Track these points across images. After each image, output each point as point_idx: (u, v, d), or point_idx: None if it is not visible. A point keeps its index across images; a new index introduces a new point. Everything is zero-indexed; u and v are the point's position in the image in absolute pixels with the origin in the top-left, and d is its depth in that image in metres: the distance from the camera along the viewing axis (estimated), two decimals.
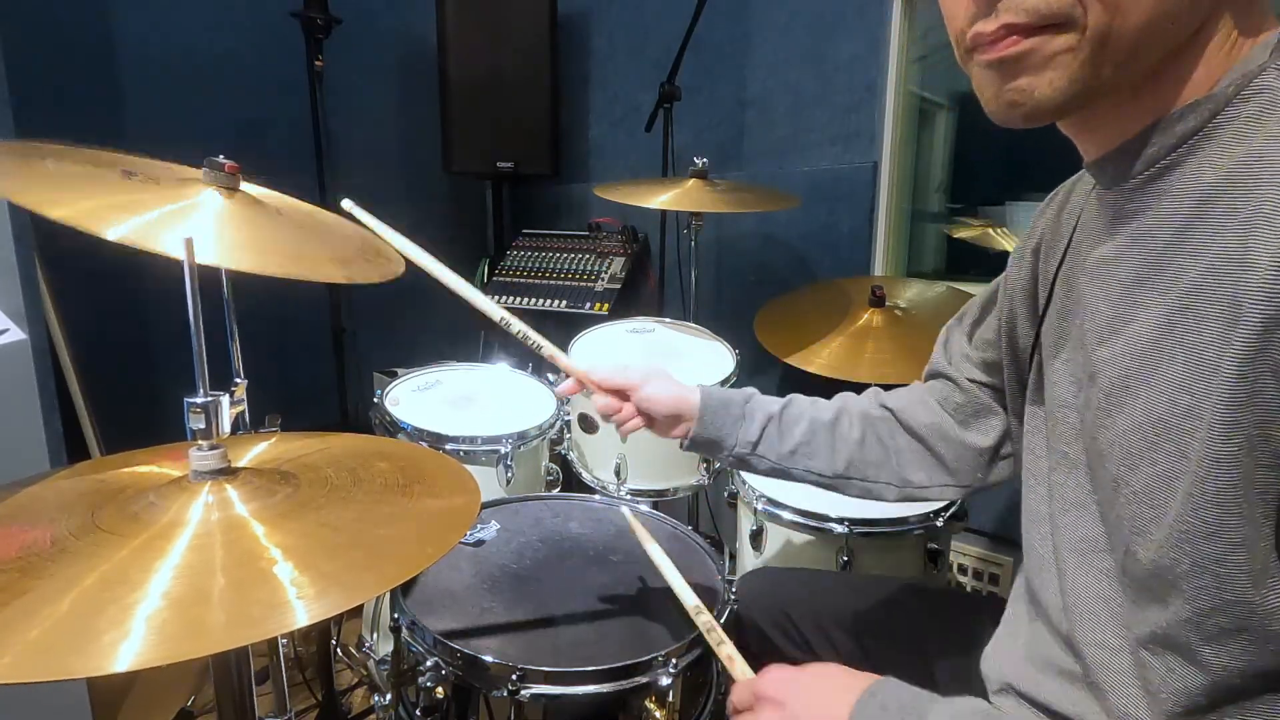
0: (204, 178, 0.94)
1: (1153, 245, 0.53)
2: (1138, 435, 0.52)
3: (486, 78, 2.31)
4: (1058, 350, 0.66)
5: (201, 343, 0.70)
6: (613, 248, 2.28)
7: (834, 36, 1.99)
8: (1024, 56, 0.51)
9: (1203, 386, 0.47)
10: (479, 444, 1.41)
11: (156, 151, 0.99)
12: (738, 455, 0.91)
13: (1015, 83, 0.52)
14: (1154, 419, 0.50)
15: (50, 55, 1.80)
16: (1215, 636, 0.50)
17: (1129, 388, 0.53)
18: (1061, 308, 0.67)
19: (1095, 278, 0.59)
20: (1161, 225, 0.53)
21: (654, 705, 0.81)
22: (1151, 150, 0.53)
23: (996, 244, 2.01)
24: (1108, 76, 0.50)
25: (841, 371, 1.59)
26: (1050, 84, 0.51)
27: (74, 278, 1.69)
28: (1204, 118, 0.51)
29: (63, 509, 0.66)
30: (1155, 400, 0.51)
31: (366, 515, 0.68)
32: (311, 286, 2.06)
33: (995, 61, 0.52)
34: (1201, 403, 0.47)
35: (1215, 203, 0.49)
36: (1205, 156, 0.51)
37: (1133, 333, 0.53)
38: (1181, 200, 0.52)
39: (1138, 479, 0.52)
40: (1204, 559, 0.49)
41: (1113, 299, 0.56)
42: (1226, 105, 0.50)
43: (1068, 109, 0.52)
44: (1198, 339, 0.48)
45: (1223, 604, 0.49)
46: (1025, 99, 0.52)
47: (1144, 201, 0.55)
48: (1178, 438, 0.49)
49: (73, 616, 0.51)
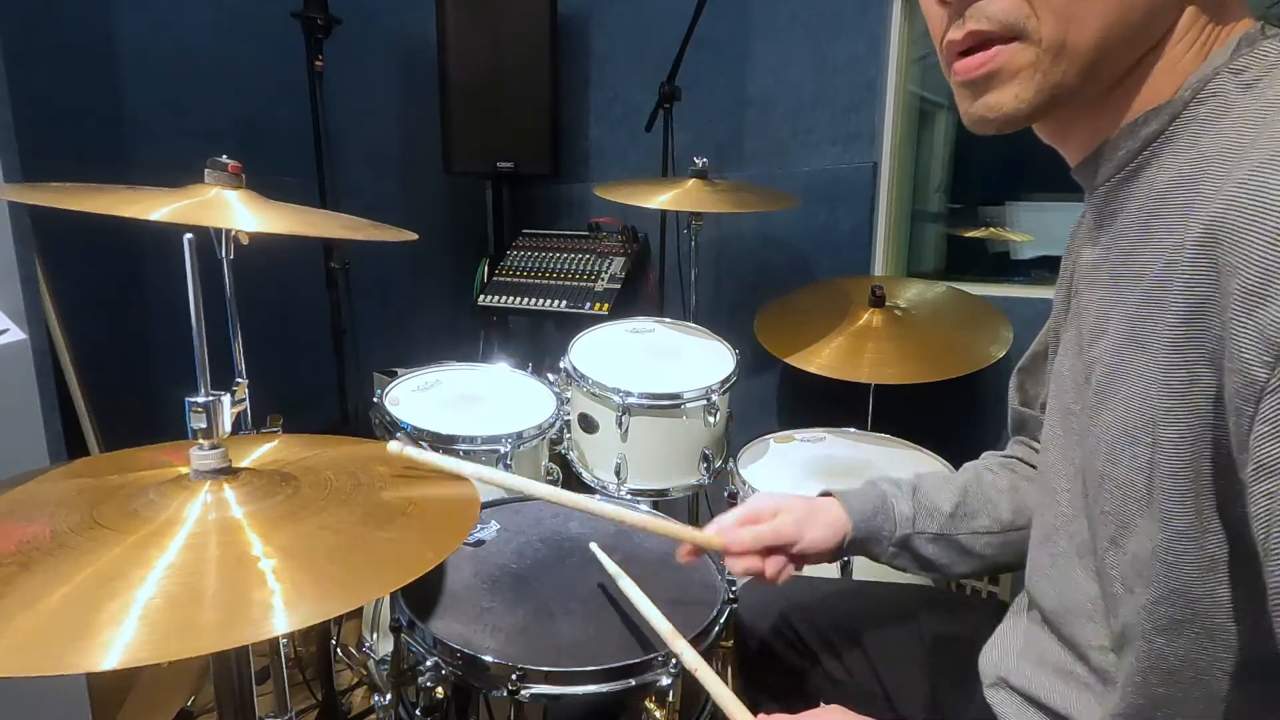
0: (208, 178, 0.94)
1: (1123, 245, 0.56)
2: (1119, 430, 0.53)
3: (486, 78, 2.31)
4: (1063, 357, 0.67)
5: (203, 342, 0.71)
6: (613, 248, 2.28)
7: (834, 36, 1.99)
8: (990, 76, 0.55)
9: (1155, 377, 0.49)
10: (478, 444, 1.40)
11: (157, 151, 0.99)
12: (900, 539, 0.84)
13: (984, 99, 0.56)
14: (1131, 413, 0.52)
15: (50, 55, 1.80)
16: (1166, 626, 0.51)
17: (1110, 385, 0.54)
18: (1070, 316, 0.67)
19: (1087, 281, 0.61)
20: (1129, 225, 0.56)
21: (654, 705, 0.81)
22: (1120, 154, 0.56)
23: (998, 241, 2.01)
24: (1071, 85, 0.53)
25: (841, 371, 1.59)
26: (1016, 97, 0.54)
27: (74, 278, 1.69)
28: (1164, 121, 0.53)
29: (62, 504, 0.66)
30: (1130, 395, 0.52)
31: (366, 518, 0.68)
32: (312, 287, 2.08)
33: (966, 83, 0.56)
34: (1155, 393, 0.49)
35: (1169, 202, 0.52)
36: (1164, 159, 0.53)
37: (1111, 331, 0.55)
38: (1144, 201, 0.54)
39: (1119, 472, 0.53)
40: (1157, 546, 0.50)
41: (1098, 299, 0.59)
42: (1184, 109, 0.52)
43: (1036, 116, 0.56)
44: (1153, 332, 0.50)
45: (1170, 593, 0.50)
46: (994, 113, 0.56)
47: (1118, 204, 0.57)
48: (1151, 430, 0.50)
49: (70, 611, 0.51)
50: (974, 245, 2.06)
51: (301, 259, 2.08)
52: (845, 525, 0.84)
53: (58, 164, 1.28)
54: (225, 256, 1.08)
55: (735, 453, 1.48)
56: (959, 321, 1.71)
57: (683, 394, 1.48)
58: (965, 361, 1.59)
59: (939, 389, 1.59)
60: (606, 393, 1.48)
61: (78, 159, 1.83)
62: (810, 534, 0.83)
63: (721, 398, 1.51)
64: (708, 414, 1.49)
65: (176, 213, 0.83)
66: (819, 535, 0.83)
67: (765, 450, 1.52)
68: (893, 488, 0.87)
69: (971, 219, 2.09)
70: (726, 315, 2.14)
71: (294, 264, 1.90)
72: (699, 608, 0.91)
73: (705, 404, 1.49)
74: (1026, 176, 1.97)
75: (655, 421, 1.49)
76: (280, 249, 1.06)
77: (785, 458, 1.49)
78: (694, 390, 1.49)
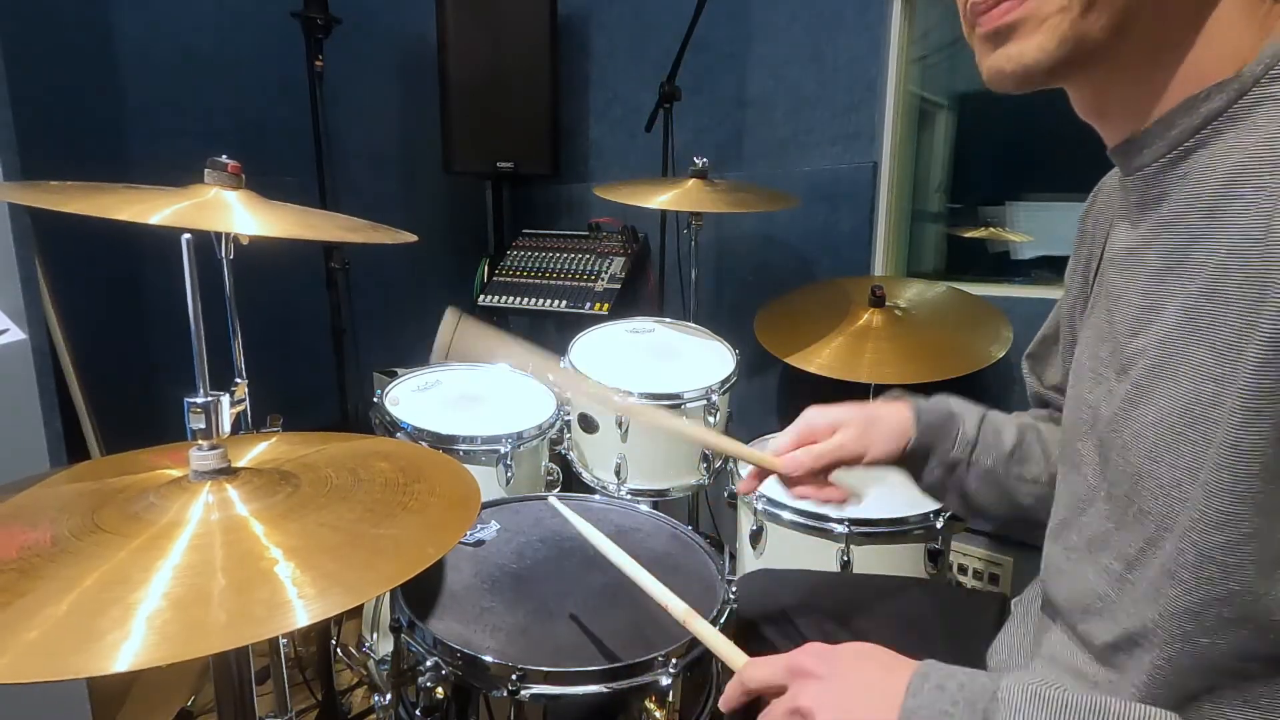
0: (208, 178, 0.94)
1: (1177, 231, 0.53)
2: (1164, 426, 0.51)
3: (486, 78, 2.31)
4: (1084, 347, 0.65)
5: (202, 343, 0.70)
6: (613, 248, 2.28)
7: (834, 36, 1.99)
8: (1016, 24, 0.52)
9: (1227, 373, 0.46)
10: (479, 444, 1.41)
11: (157, 151, 1.00)
12: (953, 460, 0.80)
13: (1004, 49, 0.53)
14: (1181, 409, 0.50)
15: (50, 55, 1.80)
16: (1214, 628, 0.49)
17: (1157, 378, 0.52)
18: (1094, 302, 0.66)
19: (1124, 268, 0.58)
20: (1186, 210, 0.52)
21: (654, 705, 0.81)
22: (1175, 132, 0.52)
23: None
24: (1100, 39, 0.50)
25: (841, 371, 1.59)
26: (1039, 47, 0.51)
27: (74, 278, 1.69)
28: (1231, 98, 0.49)
29: (63, 509, 0.66)
30: (1181, 390, 0.50)
31: (367, 515, 0.68)
32: (312, 287, 2.08)
33: (990, 32, 0.53)
34: (1225, 390, 0.46)
35: (1240, 185, 0.48)
36: (1231, 138, 0.49)
37: (1162, 321, 0.52)
38: (1206, 183, 0.50)
39: (1163, 471, 0.51)
40: (1211, 549, 0.48)
41: (1142, 288, 0.55)
42: (1254, 85, 0.48)
43: (1058, 73, 0.52)
44: (1223, 324, 0.47)
45: (1227, 594, 0.48)
46: (1014, 64, 0.52)
47: (1167, 186, 0.54)
48: (1203, 428, 0.48)
49: (73, 616, 0.51)
50: (974, 245, 2.06)
51: (301, 259, 2.08)
52: (909, 432, 0.81)
53: (58, 164, 1.28)
54: (225, 256, 1.08)
55: None
56: (959, 321, 1.71)
57: (683, 394, 1.48)
58: (965, 361, 1.58)
59: (939, 389, 1.58)
60: (607, 393, 1.48)
61: (78, 159, 1.82)
62: (876, 446, 0.80)
63: (721, 398, 1.51)
64: (708, 414, 1.49)
65: (176, 215, 0.83)
66: (883, 445, 0.80)
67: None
68: (962, 407, 0.83)
69: (971, 219, 2.09)
70: (726, 315, 2.14)
71: (294, 264, 1.90)
72: (698, 608, 0.91)
73: (705, 404, 1.49)
74: (1026, 176, 1.97)
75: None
76: (280, 249, 1.05)
77: None
78: (694, 390, 1.49)
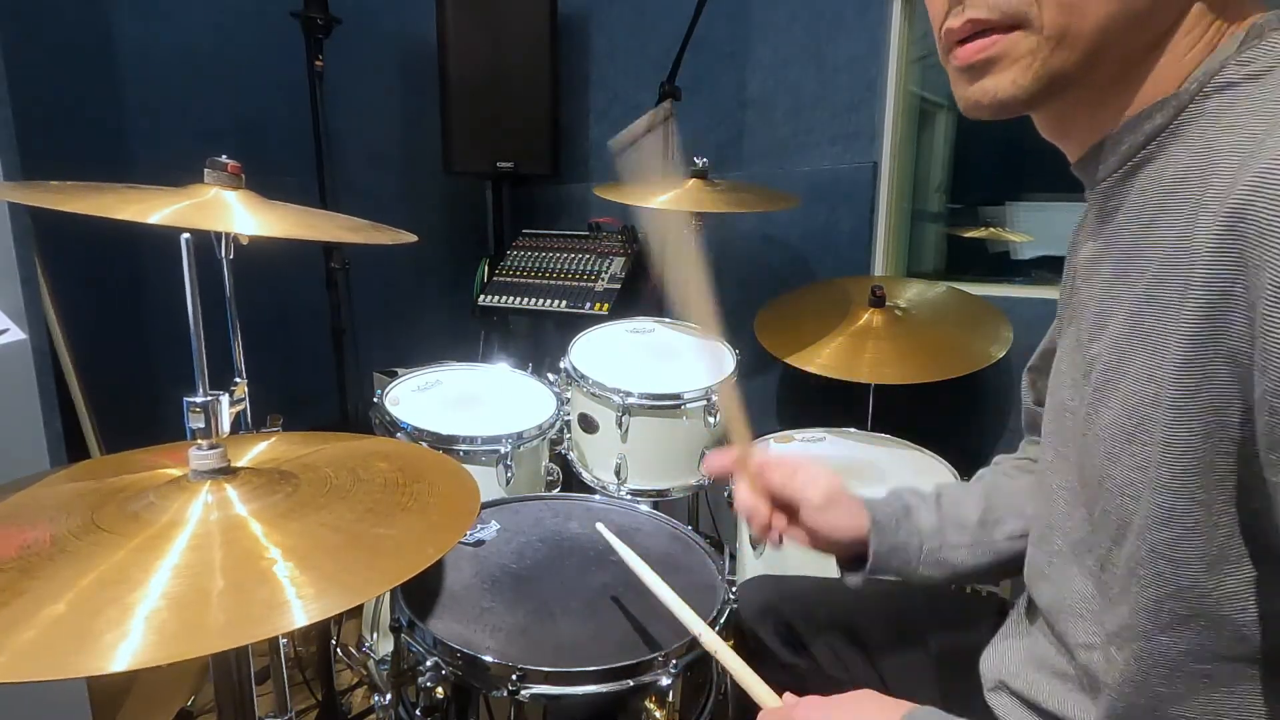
0: (208, 178, 0.94)
1: (1125, 240, 0.55)
2: (1118, 428, 0.53)
3: (486, 78, 2.31)
4: (1062, 354, 0.67)
5: (201, 342, 0.71)
6: (613, 248, 2.28)
7: (834, 36, 1.99)
8: (989, 62, 0.54)
9: (1160, 374, 0.49)
10: (479, 444, 1.40)
11: (157, 151, 1.00)
12: (928, 552, 0.80)
13: (980, 83, 0.55)
14: (1130, 410, 0.51)
15: (50, 55, 1.80)
16: (1170, 624, 0.51)
17: (1110, 382, 0.54)
18: (1070, 313, 0.67)
19: (1087, 278, 0.61)
20: (1131, 220, 0.55)
21: (654, 705, 0.81)
22: (1124, 148, 0.55)
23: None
24: (1071, 73, 0.52)
25: (841, 371, 1.59)
26: (1013, 82, 0.53)
27: (74, 278, 1.69)
28: (1170, 115, 0.52)
29: (62, 509, 0.66)
30: (1130, 392, 0.52)
31: (366, 515, 0.68)
32: (312, 287, 2.08)
33: (964, 67, 0.55)
34: (1162, 389, 0.48)
35: (1175, 195, 0.51)
36: (1170, 153, 0.52)
37: (1112, 327, 0.55)
38: (1149, 195, 0.53)
39: (1119, 471, 0.53)
40: (1160, 545, 0.50)
41: (1099, 297, 0.58)
42: (1190, 101, 0.51)
43: (1033, 104, 0.55)
44: (1157, 328, 0.49)
45: (1177, 590, 0.50)
46: (989, 98, 0.55)
47: (1120, 199, 0.56)
48: (1149, 427, 0.50)
49: (72, 616, 0.51)
50: (974, 245, 2.06)
51: (301, 259, 2.07)
52: (864, 521, 0.81)
53: (58, 164, 1.28)
54: (225, 256, 1.08)
55: None
56: (959, 321, 1.71)
57: (683, 394, 1.48)
58: (965, 361, 1.59)
59: (939, 389, 1.59)
60: (606, 393, 1.48)
61: (78, 159, 1.82)
62: (829, 517, 0.81)
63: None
64: (708, 414, 1.49)
65: (175, 215, 0.83)
66: (832, 516, 0.81)
67: (765, 451, 1.51)
68: (916, 499, 0.84)
69: (971, 219, 2.09)
70: (726, 315, 2.13)
71: (294, 264, 1.90)
72: (698, 608, 0.91)
73: (705, 404, 1.49)
74: (1026, 176, 1.98)
75: (655, 422, 1.49)
76: (280, 249, 1.05)
77: None
78: (694, 390, 1.49)
